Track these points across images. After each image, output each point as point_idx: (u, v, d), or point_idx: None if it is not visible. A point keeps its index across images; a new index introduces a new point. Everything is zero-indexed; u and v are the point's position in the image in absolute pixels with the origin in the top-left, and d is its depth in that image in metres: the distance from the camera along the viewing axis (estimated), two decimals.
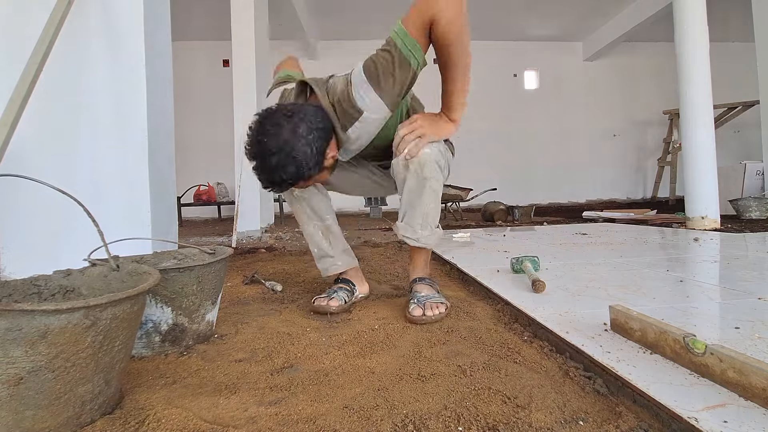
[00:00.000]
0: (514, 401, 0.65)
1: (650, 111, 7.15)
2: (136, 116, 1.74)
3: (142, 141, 1.74)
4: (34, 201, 1.71)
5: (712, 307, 1.08)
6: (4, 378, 0.53)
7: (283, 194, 1.23)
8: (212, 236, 3.56)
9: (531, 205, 4.53)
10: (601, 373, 0.72)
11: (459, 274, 1.65)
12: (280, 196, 1.16)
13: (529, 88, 7.37)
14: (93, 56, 1.72)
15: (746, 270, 1.49)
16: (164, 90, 1.90)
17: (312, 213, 1.28)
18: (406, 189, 1.12)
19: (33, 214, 1.68)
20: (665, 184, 6.19)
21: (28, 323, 0.53)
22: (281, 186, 1.03)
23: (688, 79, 3.09)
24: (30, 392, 0.55)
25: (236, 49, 3.65)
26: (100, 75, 1.72)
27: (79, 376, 0.59)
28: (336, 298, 1.20)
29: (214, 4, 5.21)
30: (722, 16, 5.59)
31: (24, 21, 1.67)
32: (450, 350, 0.88)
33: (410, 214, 1.14)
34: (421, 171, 1.08)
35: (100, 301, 0.58)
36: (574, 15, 6.26)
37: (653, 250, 2.04)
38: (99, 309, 0.59)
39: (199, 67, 6.56)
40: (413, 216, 1.14)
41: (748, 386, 0.60)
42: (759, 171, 4.04)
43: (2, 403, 0.54)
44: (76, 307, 0.56)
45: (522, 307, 1.09)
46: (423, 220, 1.14)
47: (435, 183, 1.10)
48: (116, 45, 1.71)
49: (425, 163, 1.07)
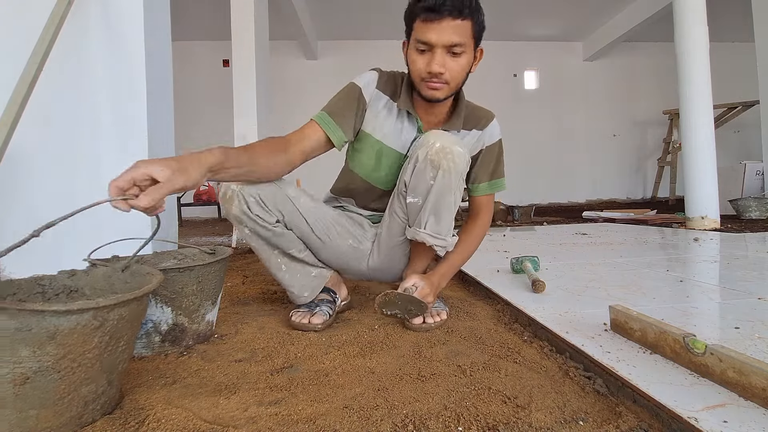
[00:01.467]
0: (514, 401, 0.65)
1: (650, 111, 7.15)
2: (136, 116, 1.74)
3: (142, 141, 1.74)
4: (34, 201, 1.71)
5: (712, 307, 1.08)
6: (11, 377, 0.53)
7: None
8: (212, 236, 3.56)
9: (531, 205, 4.53)
10: (601, 373, 0.72)
11: (459, 274, 1.65)
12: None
13: (529, 88, 7.37)
14: (93, 56, 1.72)
15: (746, 270, 1.49)
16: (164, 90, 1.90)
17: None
18: (435, 191, 0.98)
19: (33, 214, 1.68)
20: (665, 184, 6.18)
21: (38, 323, 0.53)
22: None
23: (688, 79, 3.09)
24: (35, 392, 0.55)
25: (236, 49, 3.65)
26: (100, 75, 1.72)
27: (84, 376, 0.59)
28: (319, 313, 1.07)
29: (214, 4, 5.21)
30: (722, 16, 5.58)
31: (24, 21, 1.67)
32: (450, 350, 0.88)
33: (435, 219, 1.02)
34: (435, 156, 0.96)
35: (110, 302, 0.58)
36: (574, 15, 6.26)
37: (653, 250, 2.04)
38: (107, 310, 0.59)
39: (199, 67, 6.56)
40: (440, 220, 1.02)
41: (747, 386, 0.60)
42: (759, 171, 4.04)
43: (7, 402, 0.54)
44: (86, 308, 0.56)
45: (522, 307, 1.09)
46: (448, 227, 1.04)
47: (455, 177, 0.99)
48: (116, 45, 1.72)
49: (440, 149, 0.96)
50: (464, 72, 1.00)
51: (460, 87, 1.04)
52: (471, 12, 0.94)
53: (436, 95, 1.00)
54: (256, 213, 0.99)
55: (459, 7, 0.91)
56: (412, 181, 1.01)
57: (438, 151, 0.95)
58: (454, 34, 0.93)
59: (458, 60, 0.97)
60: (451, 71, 0.97)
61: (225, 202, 0.99)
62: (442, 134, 0.98)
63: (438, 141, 0.96)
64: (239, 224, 1.02)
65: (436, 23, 0.92)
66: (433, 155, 0.95)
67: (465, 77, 1.02)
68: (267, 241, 1.05)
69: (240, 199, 0.97)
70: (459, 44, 0.94)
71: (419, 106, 1.09)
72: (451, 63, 0.96)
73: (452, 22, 0.92)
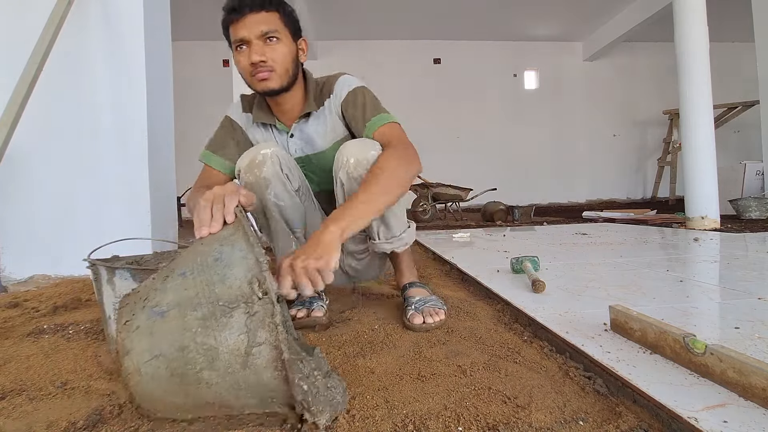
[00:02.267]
0: (514, 401, 0.65)
1: (650, 111, 7.15)
2: (136, 116, 1.74)
3: (142, 141, 1.74)
4: (34, 201, 1.71)
5: (712, 307, 1.08)
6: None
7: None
8: None
9: (531, 205, 4.53)
10: (601, 373, 0.72)
11: (459, 274, 1.65)
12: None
13: (529, 88, 7.37)
14: (93, 56, 1.72)
15: (746, 270, 1.49)
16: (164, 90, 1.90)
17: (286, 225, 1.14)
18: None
19: (33, 214, 1.68)
20: (665, 184, 6.19)
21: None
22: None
23: (688, 79, 3.09)
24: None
25: None
26: (100, 75, 1.72)
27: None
28: (317, 308, 1.10)
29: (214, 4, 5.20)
30: (722, 16, 5.58)
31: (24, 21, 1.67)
32: (450, 350, 0.88)
33: (384, 226, 1.07)
34: (355, 172, 0.98)
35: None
36: (574, 15, 6.26)
37: (653, 250, 2.04)
38: None
39: (199, 67, 6.56)
40: (389, 225, 1.07)
41: (747, 386, 0.60)
42: (759, 171, 4.04)
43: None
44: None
45: (522, 307, 1.09)
46: (396, 221, 1.07)
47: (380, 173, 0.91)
48: (116, 45, 1.72)
49: (356, 163, 0.97)
50: (288, 58, 1.02)
51: (292, 73, 1.04)
52: (273, 4, 0.99)
53: (268, 85, 1.02)
54: (286, 173, 1.04)
55: (259, 2, 0.97)
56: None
57: (355, 166, 0.97)
58: (261, 24, 0.97)
59: (276, 46, 0.99)
60: (272, 57, 0.99)
61: (254, 167, 1.01)
62: (348, 147, 1.00)
63: (351, 156, 0.98)
64: (265, 189, 1.03)
65: (241, 21, 0.97)
66: (352, 171, 0.98)
67: (292, 65, 1.03)
68: (282, 213, 1.08)
69: (273, 159, 1.01)
70: (270, 32, 0.98)
71: (274, 108, 1.13)
72: (269, 50, 0.99)
73: (257, 15, 0.97)
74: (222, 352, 0.56)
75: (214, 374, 0.56)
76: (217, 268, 0.60)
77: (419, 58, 7.00)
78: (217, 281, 0.59)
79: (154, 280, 0.63)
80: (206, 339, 0.57)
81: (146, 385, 0.57)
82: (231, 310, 0.58)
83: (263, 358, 0.57)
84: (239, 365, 0.57)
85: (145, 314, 0.59)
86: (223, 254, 0.61)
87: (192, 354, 0.56)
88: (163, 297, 0.60)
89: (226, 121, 1.18)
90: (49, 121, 1.74)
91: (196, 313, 0.58)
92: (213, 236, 0.66)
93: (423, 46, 6.97)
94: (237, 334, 0.57)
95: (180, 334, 0.57)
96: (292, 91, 1.08)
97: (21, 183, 1.70)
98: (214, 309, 0.58)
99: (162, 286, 0.61)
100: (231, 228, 0.67)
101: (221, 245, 0.63)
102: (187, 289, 0.59)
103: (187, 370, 0.56)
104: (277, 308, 0.57)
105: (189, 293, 0.59)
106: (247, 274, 0.59)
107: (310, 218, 1.16)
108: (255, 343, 0.57)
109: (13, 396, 0.71)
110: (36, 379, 0.78)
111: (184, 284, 0.60)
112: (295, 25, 1.04)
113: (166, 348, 0.57)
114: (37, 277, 1.68)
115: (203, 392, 0.57)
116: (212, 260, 0.61)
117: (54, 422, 0.62)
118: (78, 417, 0.63)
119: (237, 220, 0.68)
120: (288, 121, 1.13)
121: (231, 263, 0.60)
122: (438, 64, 7.16)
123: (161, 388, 0.58)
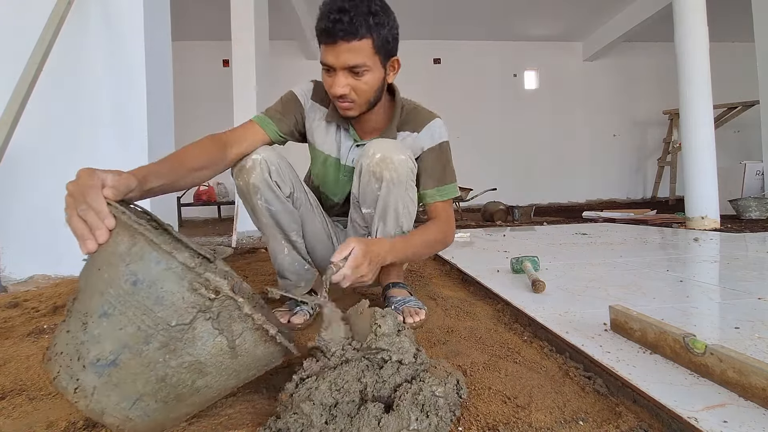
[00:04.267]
0: (514, 401, 0.65)
1: (650, 111, 7.15)
2: (136, 116, 1.74)
3: (142, 141, 1.74)
4: (34, 201, 1.71)
5: (712, 307, 1.08)
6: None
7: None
8: (212, 236, 3.56)
9: (531, 205, 4.53)
10: (601, 373, 0.72)
11: (459, 274, 1.65)
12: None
13: (529, 88, 7.37)
14: (93, 56, 1.72)
15: (746, 270, 1.49)
16: (164, 90, 1.90)
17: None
18: (382, 201, 1.02)
19: (33, 214, 1.68)
20: (665, 184, 6.19)
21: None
22: (355, 13, 0.88)
23: (688, 79, 3.09)
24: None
25: (236, 49, 3.65)
26: (100, 75, 1.72)
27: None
28: (300, 313, 1.10)
29: (214, 4, 5.21)
30: (722, 16, 5.58)
31: (24, 21, 1.67)
32: (450, 350, 0.88)
33: (383, 223, 1.06)
34: (377, 167, 0.99)
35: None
36: (574, 15, 6.26)
37: (653, 250, 2.04)
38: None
39: (199, 67, 6.56)
40: (386, 224, 1.05)
41: (747, 386, 0.60)
42: (759, 171, 4.04)
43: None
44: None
45: (522, 307, 1.09)
46: (395, 222, 1.05)
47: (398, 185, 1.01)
48: (116, 45, 1.72)
49: (380, 159, 0.99)
50: (372, 89, 0.98)
51: (375, 99, 1.02)
52: (369, 29, 0.91)
53: (348, 113, 1.02)
54: (275, 180, 1.01)
55: (352, 30, 0.89)
56: (361, 194, 1.05)
57: (378, 162, 0.98)
58: (350, 56, 0.92)
59: (362, 79, 0.95)
60: (356, 90, 0.97)
61: (243, 173, 0.98)
62: (382, 143, 1.00)
63: (378, 151, 0.98)
64: (254, 195, 1.00)
65: (332, 47, 0.92)
66: (374, 167, 0.98)
67: (377, 92, 1.01)
68: (274, 217, 1.04)
69: (263, 166, 0.98)
70: (358, 65, 0.93)
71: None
72: (355, 83, 0.96)
73: (347, 44, 0.90)
74: (206, 360, 0.53)
75: (208, 378, 0.54)
76: (141, 292, 0.50)
77: (419, 58, 7.00)
78: (152, 305, 0.50)
79: (69, 334, 0.52)
80: (181, 359, 0.51)
81: (145, 422, 0.53)
82: (189, 324, 0.51)
83: (250, 342, 0.55)
84: (230, 358, 0.54)
85: (93, 373, 0.50)
86: (138, 274, 0.50)
87: (175, 378, 0.52)
88: (101, 347, 0.50)
89: (289, 95, 1.13)
90: (49, 121, 1.74)
91: (153, 345, 0.50)
92: (107, 255, 0.53)
93: (423, 46, 6.96)
94: (212, 339, 0.52)
95: (149, 370, 0.51)
96: (374, 110, 1.06)
97: (21, 183, 1.70)
98: (169, 332, 0.50)
99: (88, 336, 0.51)
100: (125, 237, 0.52)
101: (128, 265, 0.51)
102: (122, 327, 0.50)
103: (180, 391, 0.53)
104: (239, 299, 0.52)
105: (129, 330, 0.50)
106: (183, 284, 0.51)
107: (309, 223, 1.13)
108: (235, 335, 0.53)
109: (13, 396, 0.71)
110: (36, 379, 0.78)
111: (115, 324, 0.50)
112: (387, 48, 0.97)
113: (143, 387, 0.51)
114: (37, 277, 1.68)
115: (206, 394, 0.56)
116: (129, 286, 0.50)
117: (54, 422, 0.62)
118: (78, 417, 0.63)
119: (122, 223, 0.53)
120: (362, 133, 1.12)
121: (155, 280, 0.50)
122: (438, 64, 7.16)
123: (162, 416, 0.54)
